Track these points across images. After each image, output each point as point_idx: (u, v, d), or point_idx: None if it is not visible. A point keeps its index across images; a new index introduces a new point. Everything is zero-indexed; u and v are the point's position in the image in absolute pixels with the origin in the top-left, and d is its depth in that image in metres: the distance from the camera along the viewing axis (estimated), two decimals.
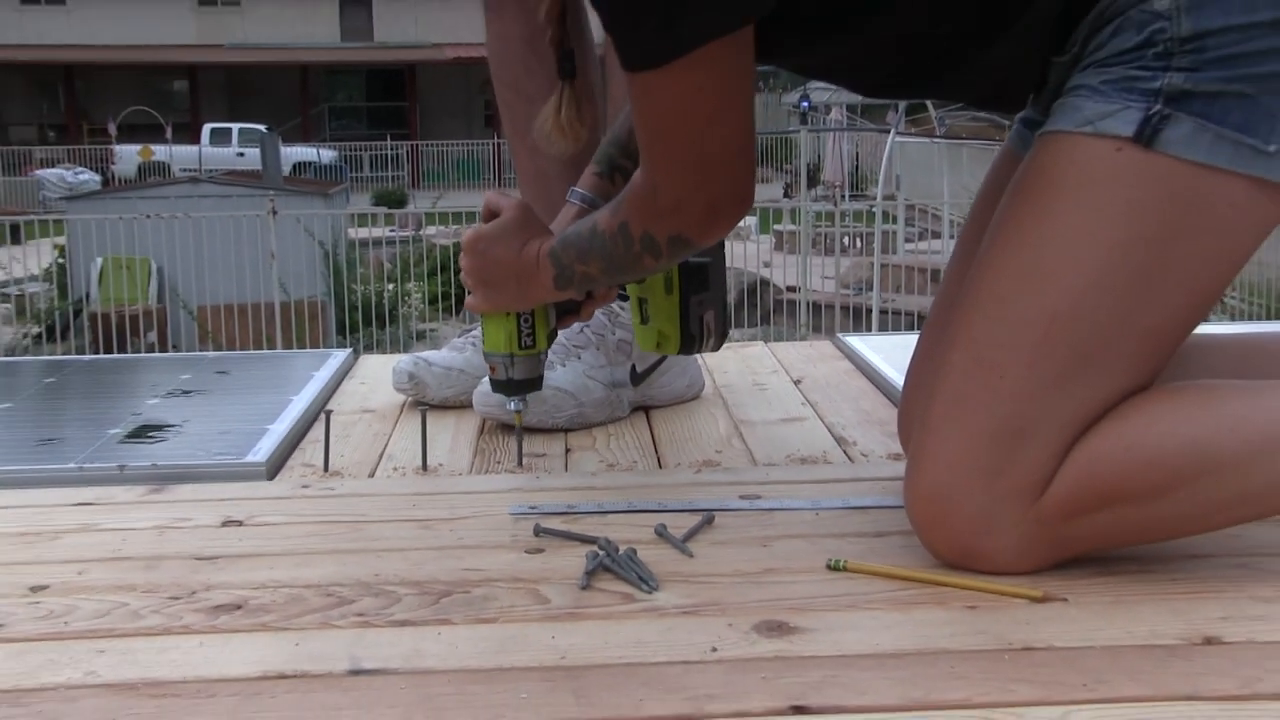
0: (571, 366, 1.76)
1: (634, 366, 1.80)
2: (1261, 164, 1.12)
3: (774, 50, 1.22)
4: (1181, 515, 1.15)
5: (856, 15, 1.24)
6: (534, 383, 1.50)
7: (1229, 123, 1.11)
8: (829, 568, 1.19)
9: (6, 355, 8.77)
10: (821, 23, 1.24)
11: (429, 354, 1.91)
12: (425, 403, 1.85)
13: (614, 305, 1.77)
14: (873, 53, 1.31)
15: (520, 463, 1.62)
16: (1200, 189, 1.13)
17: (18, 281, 11.41)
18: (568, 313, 1.47)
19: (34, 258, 11.60)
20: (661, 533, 1.28)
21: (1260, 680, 0.95)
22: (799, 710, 0.91)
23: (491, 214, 1.41)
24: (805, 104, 21.00)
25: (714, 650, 1.02)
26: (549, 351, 1.74)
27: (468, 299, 1.44)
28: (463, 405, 1.83)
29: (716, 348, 1.51)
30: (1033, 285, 1.16)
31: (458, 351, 1.88)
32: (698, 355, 1.86)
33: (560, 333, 1.76)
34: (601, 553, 1.20)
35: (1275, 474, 1.13)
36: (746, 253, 10.69)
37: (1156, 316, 1.16)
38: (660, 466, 1.61)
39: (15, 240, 11.83)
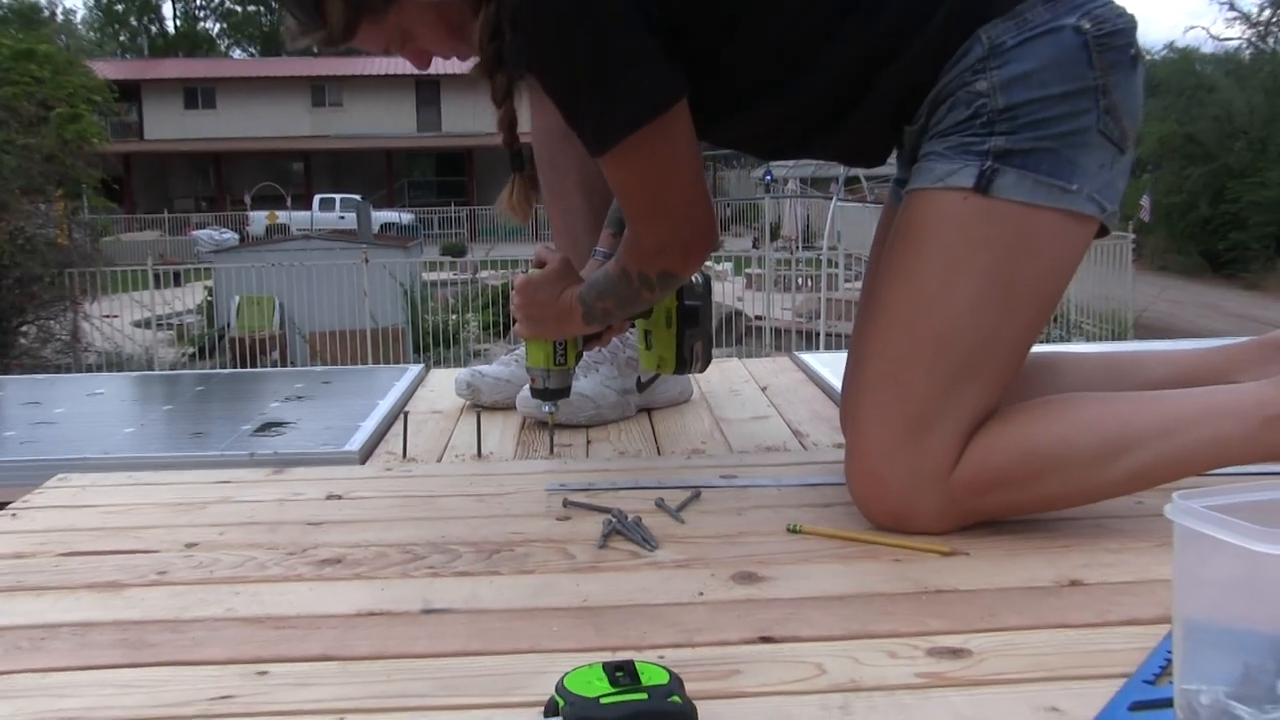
0: (591, 378, 1.75)
1: (639, 378, 1.79)
2: (1068, 199, 1.14)
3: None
4: (1055, 494, 1.16)
5: (741, 109, 1.25)
6: (564, 391, 1.49)
7: (1041, 170, 1.13)
8: (789, 531, 1.18)
9: (169, 369, 8.78)
10: (719, 112, 1.24)
11: (483, 368, 1.90)
12: (480, 405, 1.84)
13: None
14: (758, 132, 1.31)
15: (552, 451, 1.62)
16: (1028, 222, 1.14)
17: (178, 314, 11.49)
18: (592, 338, 1.46)
19: (190, 296, 11.69)
20: (660, 504, 1.27)
21: (1110, 611, 0.95)
22: (765, 639, 0.91)
23: (540, 263, 1.40)
24: (768, 177, 20.99)
25: (700, 594, 1.01)
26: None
27: (516, 327, 1.43)
28: (508, 407, 1.82)
29: (703, 370, 1.50)
30: (920, 311, 1.16)
31: (505, 366, 1.87)
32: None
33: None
34: (615, 520, 1.20)
35: (1125, 463, 1.13)
36: (724, 290, 10.72)
37: (1015, 325, 1.16)
38: (659, 454, 1.61)
39: (176, 283, 11.92)
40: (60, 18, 44.34)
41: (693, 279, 1.42)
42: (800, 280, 11.66)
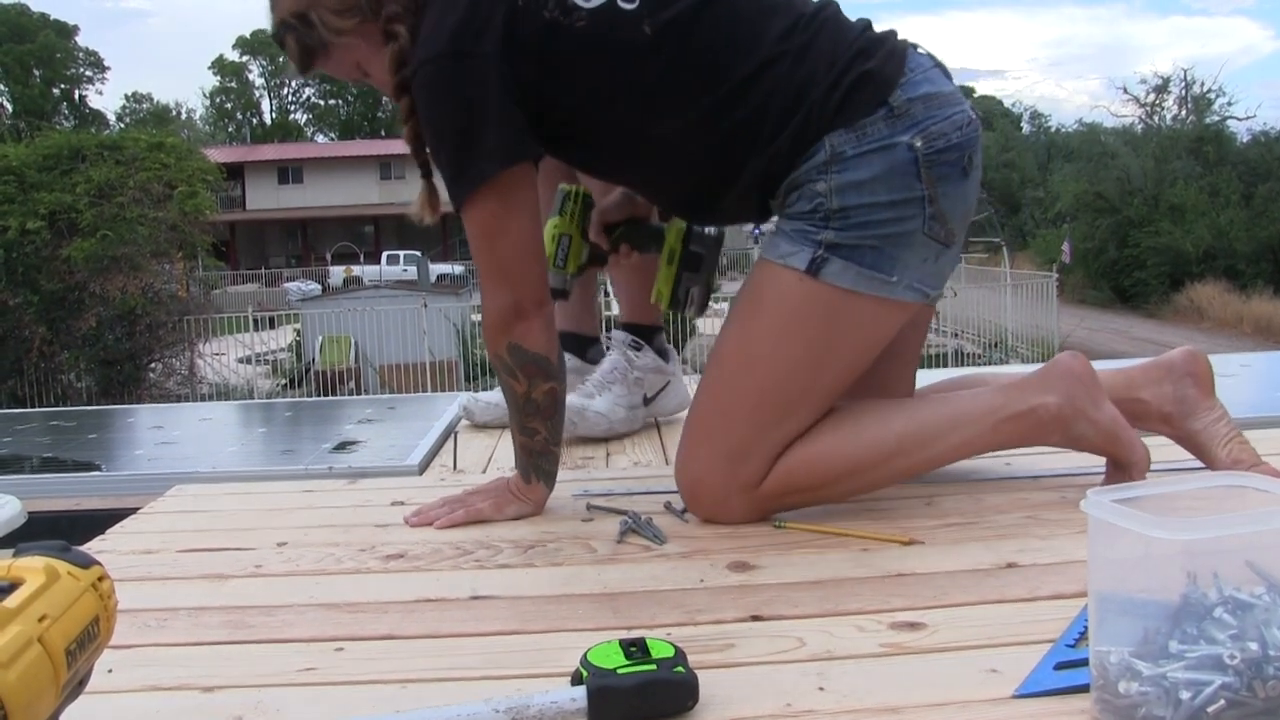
0: (604, 396, 1.72)
1: (645, 395, 1.76)
2: (886, 289, 1.14)
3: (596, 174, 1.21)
4: (844, 492, 1.19)
5: (611, 172, 1.25)
6: (562, 293, 1.36)
7: (865, 263, 1.13)
8: (774, 526, 1.16)
9: (265, 398, 8.82)
10: (596, 168, 1.23)
11: (479, 394, 1.87)
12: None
13: (630, 354, 1.71)
14: (650, 191, 1.30)
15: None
16: (847, 305, 1.14)
17: (273, 352, 11.55)
18: (598, 260, 1.40)
19: (282, 337, 11.75)
20: (668, 506, 1.26)
21: (1040, 588, 0.94)
22: (755, 618, 0.90)
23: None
24: (756, 231, 20.96)
25: (702, 581, 1.00)
26: (591, 383, 1.70)
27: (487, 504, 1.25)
28: (502, 426, 1.78)
29: (696, 316, 1.39)
30: (748, 369, 1.17)
31: (498, 392, 1.81)
32: (686, 384, 1.80)
33: (598, 371, 1.71)
34: (630, 520, 1.19)
35: (896, 466, 1.18)
36: (708, 325, 10.63)
37: (825, 383, 1.17)
38: (667, 463, 1.58)
39: (272, 327, 12.00)
40: (184, 116, 45.20)
41: (706, 230, 1.35)
42: None
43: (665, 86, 1.13)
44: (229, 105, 46.46)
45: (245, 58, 45.32)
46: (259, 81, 46.35)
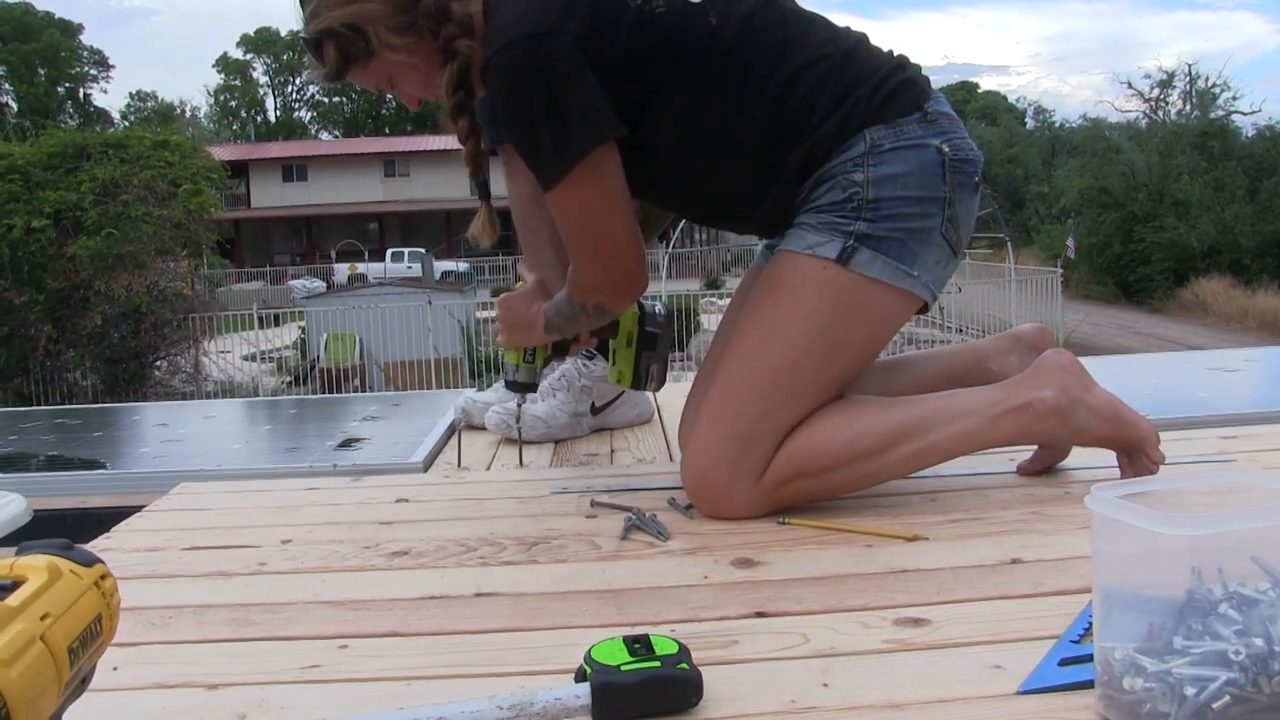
0: (548, 402, 1.72)
1: (594, 403, 1.75)
2: (908, 281, 1.17)
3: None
4: (844, 482, 1.20)
5: (652, 181, 1.22)
6: (531, 386, 1.44)
7: (891, 255, 1.16)
8: (779, 523, 1.17)
9: (270, 396, 8.83)
10: (641, 174, 1.19)
11: (475, 394, 1.86)
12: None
13: (582, 363, 1.71)
14: (685, 199, 1.30)
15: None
16: (870, 293, 1.17)
17: (278, 349, 11.57)
18: (560, 350, 1.42)
19: (287, 335, 11.77)
20: (672, 503, 1.26)
21: (1043, 584, 0.94)
22: (759, 614, 0.90)
23: (520, 280, 1.40)
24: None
25: (706, 577, 1.00)
26: (540, 387, 1.67)
27: (497, 338, 1.39)
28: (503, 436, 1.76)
29: (657, 389, 1.45)
30: (765, 349, 1.18)
31: (495, 392, 1.83)
32: (650, 393, 1.80)
33: (546, 379, 1.71)
34: (634, 516, 1.19)
35: (896, 455, 1.17)
36: (712, 322, 10.66)
37: (837, 368, 1.19)
38: (671, 459, 1.58)
39: (276, 324, 12.02)
40: (188, 114, 45.28)
41: (657, 310, 1.39)
42: None
43: (727, 77, 1.16)
44: (233, 103, 46.53)
45: (249, 56, 45.43)
46: (263, 79, 46.46)
